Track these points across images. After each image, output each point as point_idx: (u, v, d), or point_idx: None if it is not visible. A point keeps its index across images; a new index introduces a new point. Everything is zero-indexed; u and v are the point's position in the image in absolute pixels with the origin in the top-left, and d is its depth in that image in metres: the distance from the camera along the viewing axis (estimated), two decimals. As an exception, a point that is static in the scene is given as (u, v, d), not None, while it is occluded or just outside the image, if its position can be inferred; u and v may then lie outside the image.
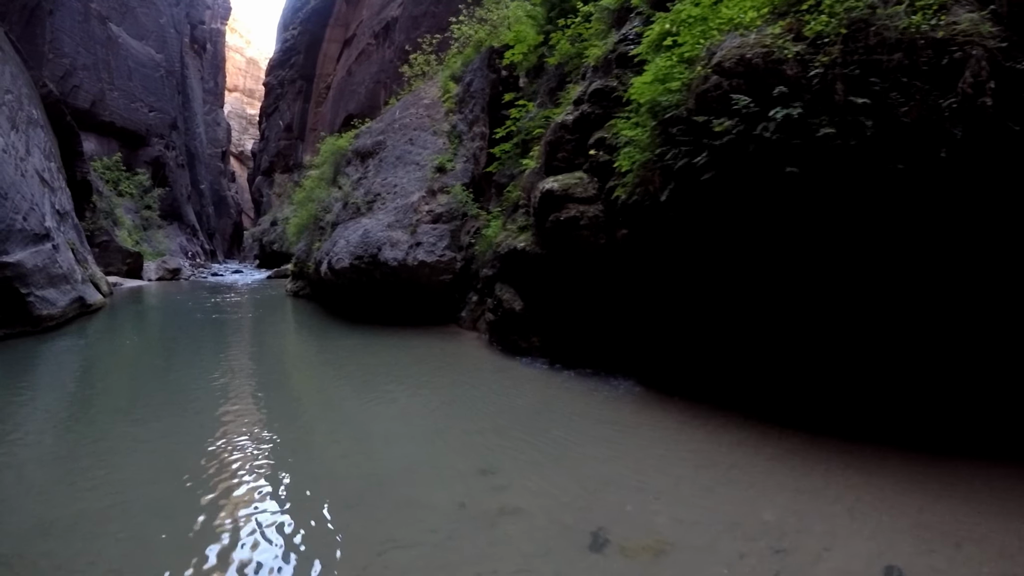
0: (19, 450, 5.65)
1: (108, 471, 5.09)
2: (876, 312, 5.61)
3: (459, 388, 8.07)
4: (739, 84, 5.90)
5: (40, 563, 3.66)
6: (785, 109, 5.41)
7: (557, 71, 12.18)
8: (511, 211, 10.40)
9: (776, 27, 5.92)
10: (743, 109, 5.69)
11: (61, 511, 4.28)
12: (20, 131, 14.76)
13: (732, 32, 6.38)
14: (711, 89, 6.08)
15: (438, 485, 4.79)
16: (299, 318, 16.07)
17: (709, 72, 6.18)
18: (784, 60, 5.64)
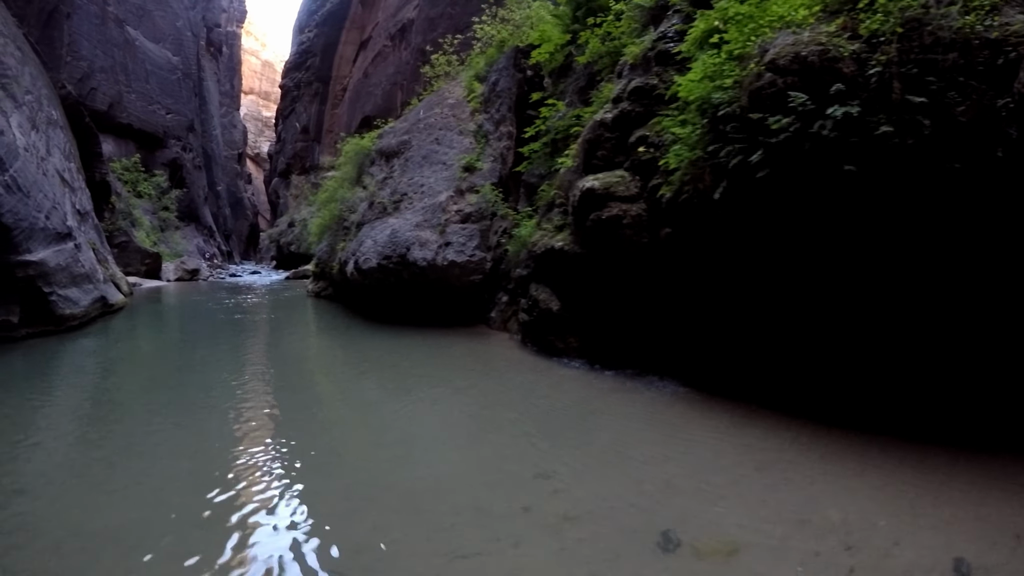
0: (47, 455, 5.49)
1: (140, 479, 4.86)
2: (923, 310, 5.45)
3: (498, 389, 7.88)
4: (793, 82, 5.75)
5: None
6: (844, 107, 5.27)
7: (586, 70, 12.02)
8: (546, 210, 10.23)
9: (831, 25, 5.82)
10: (800, 107, 5.54)
11: (97, 523, 4.08)
12: (40, 131, 14.80)
13: (783, 30, 6.25)
14: (765, 86, 5.92)
15: (496, 490, 4.60)
16: (323, 319, 15.92)
17: (762, 69, 6.02)
18: (840, 58, 5.52)
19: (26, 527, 4.01)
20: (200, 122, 54.21)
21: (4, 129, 11.17)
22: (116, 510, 4.24)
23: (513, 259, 11.28)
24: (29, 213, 11.32)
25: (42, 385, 8.18)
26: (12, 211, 10.66)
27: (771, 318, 6.46)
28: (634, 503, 4.33)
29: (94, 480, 4.86)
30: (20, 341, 10.85)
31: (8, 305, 10.92)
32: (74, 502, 4.40)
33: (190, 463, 5.22)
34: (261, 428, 6.27)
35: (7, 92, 12.82)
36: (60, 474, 5.05)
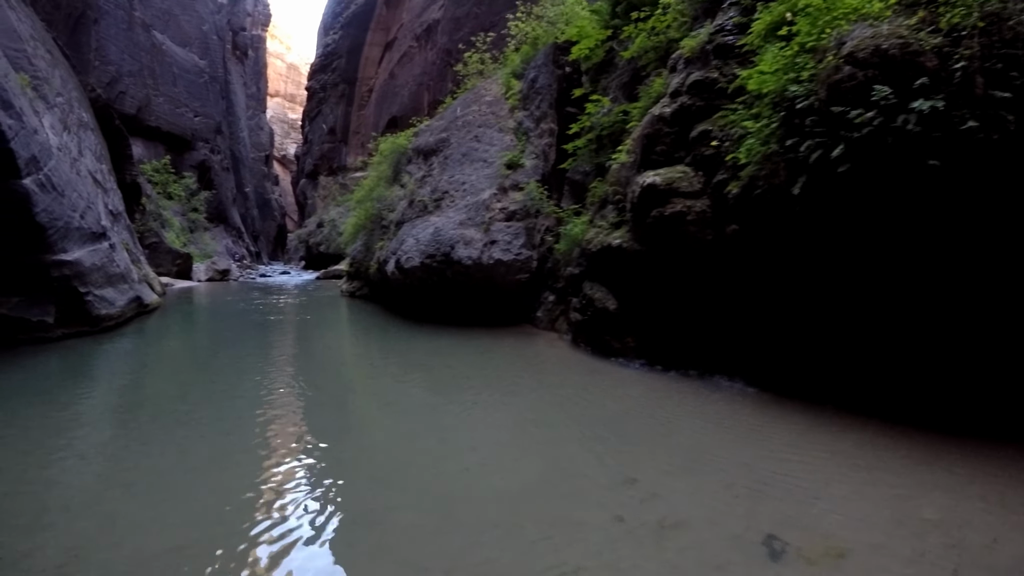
0: (89, 466, 5.21)
1: (190, 494, 4.48)
2: (1005, 309, 5.23)
3: (558, 392, 7.59)
4: (874, 75, 5.54)
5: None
6: (929, 101, 5.07)
7: (629, 65, 11.83)
8: (598, 207, 9.98)
9: (911, 19, 5.63)
10: (882, 101, 5.33)
11: (150, 545, 3.76)
12: (72, 133, 14.83)
13: (859, 22, 6.05)
14: (844, 80, 5.70)
15: (583, 499, 4.35)
16: (360, 319, 15.66)
17: (841, 62, 5.81)
18: (922, 52, 5.35)
19: (75, 550, 3.72)
20: (227, 124, 54.59)
21: (37, 128, 11.08)
22: (168, 530, 3.92)
23: (563, 257, 11.07)
24: (64, 212, 11.26)
25: (80, 387, 8.05)
26: (47, 210, 10.61)
27: (843, 316, 6.22)
28: (728, 508, 4.13)
29: (141, 495, 4.52)
30: (56, 342, 10.75)
31: (44, 305, 10.87)
32: (124, 521, 4.09)
33: (240, 477, 4.89)
34: (312, 437, 5.97)
35: (39, 93, 12.84)
36: (105, 488, 4.72)
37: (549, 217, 12.18)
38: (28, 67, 12.89)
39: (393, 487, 4.65)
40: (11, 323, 10.37)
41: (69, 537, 3.88)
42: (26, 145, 10.10)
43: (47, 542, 3.82)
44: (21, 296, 10.59)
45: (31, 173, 10.21)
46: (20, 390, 7.54)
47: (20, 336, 10.38)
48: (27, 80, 12.31)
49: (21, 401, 7.04)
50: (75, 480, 4.88)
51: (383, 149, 18.67)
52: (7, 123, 9.46)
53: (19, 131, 9.86)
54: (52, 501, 4.42)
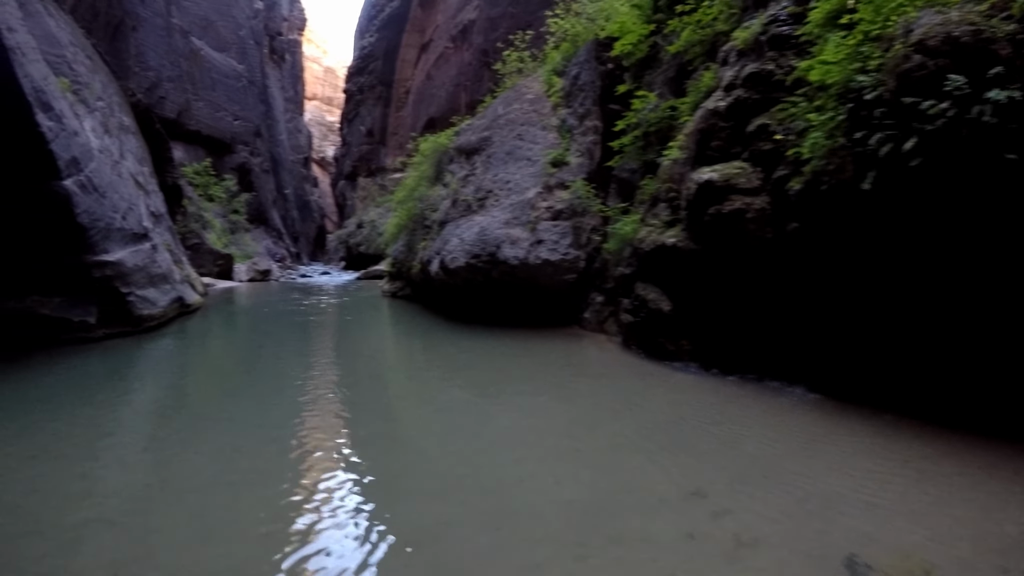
0: (132, 475, 5.06)
1: (236, 509, 4.26)
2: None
3: (613, 396, 7.36)
4: (945, 64, 5.28)
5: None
6: (1004, 91, 4.80)
7: (675, 60, 11.61)
8: (650, 205, 9.75)
9: (983, 4, 5.36)
10: (955, 91, 5.09)
11: (196, 569, 3.56)
12: (113, 136, 15.04)
13: (926, 8, 5.80)
14: (914, 69, 5.45)
15: (650, 514, 4.14)
16: (404, 320, 15.64)
17: (910, 51, 5.56)
18: (995, 39, 5.08)
19: (120, 566, 3.56)
20: (266, 128, 55.36)
21: (78, 131, 11.20)
22: (214, 547, 3.77)
23: (612, 257, 10.88)
24: (105, 213, 11.37)
25: (121, 389, 8.06)
26: (88, 211, 10.69)
27: (911, 318, 5.97)
28: (803, 524, 3.92)
29: (185, 507, 4.33)
30: (98, 342, 10.83)
31: (85, 305, 10.96)
32: (168, 535, 3.93)
33: (285, 488, 4.68)
34: (358, 445, 5.82)
35: (79, 97, 13.00)
36: (149, 498, 4.52)
37: (595, 216, 12.00)
38: (68, 72, 13.07)
39: (447, 500, 4.43)
40: (53, 323, 10.50)
41: (113, 551, 3.74)
42: (66, 147, 10.20)
43: (90, 558, 3.70)
44: (63, 296, 10.72)
45: (72, 174, 10.31)
46: (62, 391, 7.56)
47: (62, 336, 10.49)
48: (67, 84, 12.46)
49: (62, 402, 7.04)
50: (117, 489, 4.76)
51: (424, 149, 18.65)
52: (47, 125, 9.55)
53: (59, 133, 9.96)
54: (94, 512, 4.30)
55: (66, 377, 8.34)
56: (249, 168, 46.57)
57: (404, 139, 52.71)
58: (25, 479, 4.80)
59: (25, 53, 9.18)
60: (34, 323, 10.37)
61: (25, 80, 8.98)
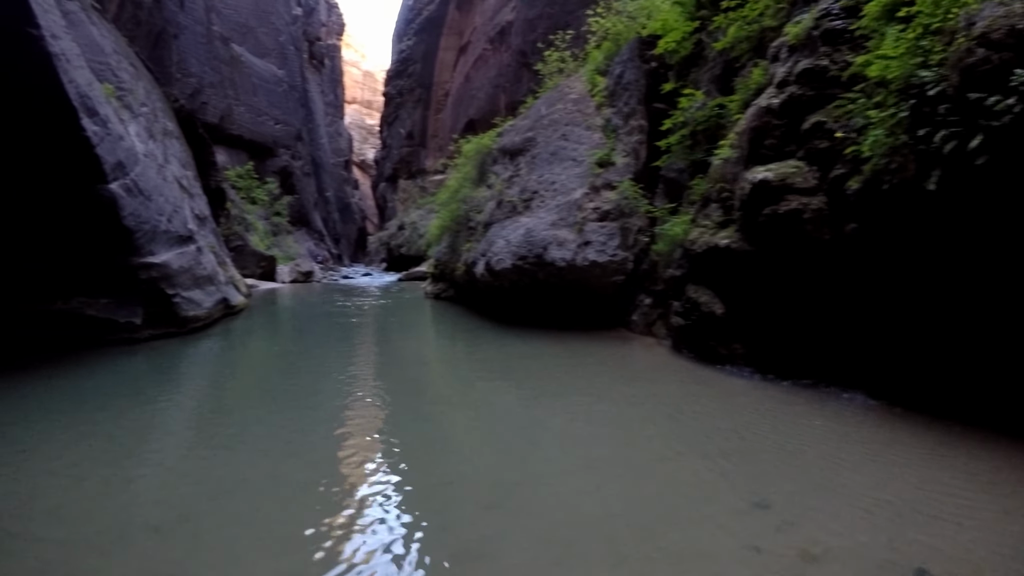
0: (179, 479, 4.93)
1: (288, 517, 4.22)
2: None
3: (666, 402, 7.19)
4: (1009, 57, 5.11)
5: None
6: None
7: (721, 57, 11.47)
8: (701, 205, 9.61)
9: (1047, -5, 5.18)
10: (1021, 86, 4.91)
11: None
12: (157, 140, 15.27)
13: (988, 0, 5.62)
14: (978, 63, 5.28)
15: (714, 526, 4.02)
16: (447, 321, 15.62)
17: (973, 44, 5.39)
18: (1060, 32, 4.90)
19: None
20: (307, 131, 56.21)
21: (123, 135, 11.48)
22: (262, 560, 3.67)
23: (661, 259, 10.76)
24: (151, 216, 11.49)
25: (167, 390, 8.06)
26: (134, 214, 10.81)
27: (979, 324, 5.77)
28: (871, 536, 3.80)
29: (231, 516, 4.22)
30: (143, 343, 10.92)
31: (131, 307, 11.06)
32: (214, 545, 3.82)
33: (330, 497, 4.55)
34: (405, 452, 5.61)
35: (123, 103, 13.19)
36: (194, 505, 4.37)
37: (642, 217, 11.90)
38: (112, 78, 13.27)
39: (501, 513, 4.28)
40: (99, 324, 10.61)
41: (160, 564, 3.62)
42: (112, 151, 10.31)
43: (138, 568, 3.58)
44: (109, 298, 10.84)
45: (117, 178, 10.43)
46: (107, 392, 7.59)
47: (108, 337, 10.60)
48: (112, 90, 12.63)
49: (108, 403, 7.08)
50: (162, 495, 4.61)
51: (467, 150, 18.66)
52: (92, 129, 9.65)
53: (104, 137, 10.07)
54: (139, 519, 4.17)
55: (112, 378, 8.39)
56: (291, 171, 47.38)
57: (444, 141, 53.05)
58: (70, 483, 4.76)
59: (70, 59, 9.30)
60: (80, 324, 10.48)
61: (70, 86, 9.06)
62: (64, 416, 6.51)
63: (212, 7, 38.67)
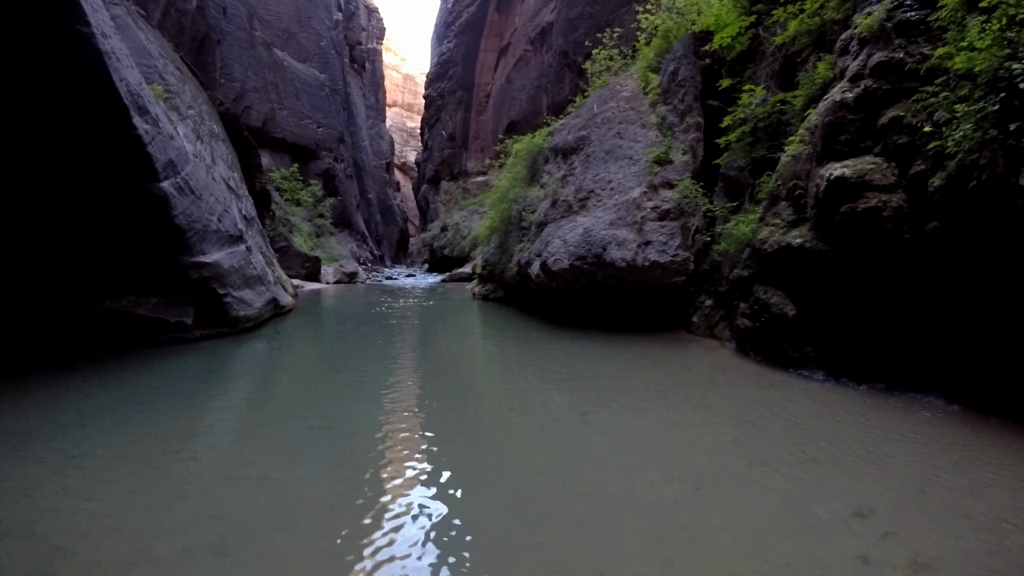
0: (240, 489, 4.63)
1: (354, 533, 3.98)
2: None
3: (737, 407, 6.92)
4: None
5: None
6: None
7: (780, 52, 11.28)
8: (769, 204, 9.40)
9: None
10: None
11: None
12: (205, 142, 15.43)
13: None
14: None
15: (818, 535, 3.88)
16: (497, 323, 15.43)
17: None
18: None
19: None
20: (349, 134, 56.93)
21: (174, 134, 11.46)
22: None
23: (725, 259, 10.55)
24: (202, 215, 11.47)
25: (218, 392, 7.87)
26: (185, 213, 10.77)
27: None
28: (976, 545, 3.68)
29: (294, 533, 3.97)
30: (194, 343, 10.85)
31: (182, 306, 11.02)
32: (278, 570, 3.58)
33: (385, 515, 4.26)
34: (478, 461, 5.36)
35: (171, 105, 13.34)
36: (256, 524, 4.07)
37: (699, 216, 11.73)
38: (160, 81, 13.41)
39: (595, 527, 4.02)
40: (150, 324, 10.58)
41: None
42: (163, 150, 10.24)
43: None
44: (160, 297, 10.83)
45: (168, 177, 10.39)
46: (158, 394, 7.42)
47: (158, 337, 10.56)
48: (160, 91, 12.73)
49: (159, 406, 6.87)
50: (222, 511, 4.25)
51: (518, 149, 18.59)
52: (143, 128, 9.56)
53: (155, 136, 9.99)
54: (199, 537, 3.89)
55: (163, 379, 8.25)
56: (333, 174, 48.00)
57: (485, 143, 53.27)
58: (125, 495, 4.51)
59: (120, 58, 9.23)
60: (130, 323, 10.45)
61: (121, 84, 8.90)
62: (116, 419, 6.38)
63: (254, 13, 39.55)
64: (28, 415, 6.43)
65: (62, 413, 6.51)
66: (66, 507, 4.31)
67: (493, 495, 4.64)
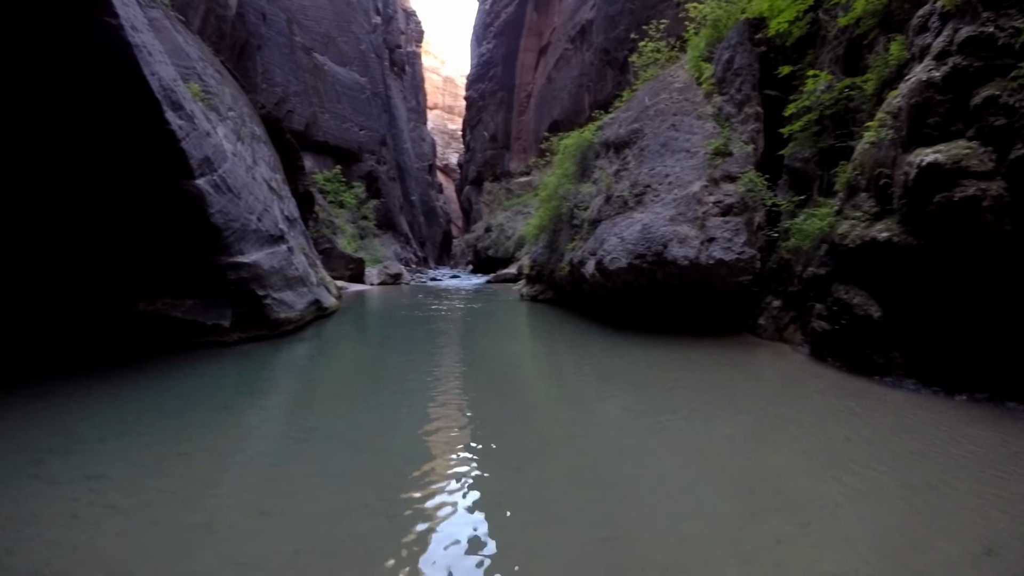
0: (283, 523, 4.05)
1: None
2: None
3: (824, 418, 6.20)
4: None
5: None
6: None
7: (843, 35, 10.67)
8: (847, 195, 8.72)
9: None
10: None
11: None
12: (246, 143, 15.27)
13: None
14: None
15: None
16: (548, 324, 14.92)
17: None
18: None
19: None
20: (391, 137, 57.34)
21: (211, 132, 11.15)
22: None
23: (798, 256, 9.88)
24: (240, 214, 11.05)
25: (256, 400, 7.41)
26: (222, 211, 10.37)
27: None
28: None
29: (346, 565, 3.57)
30: (231, 346, 10.47)
31: (220, 308, 10.62)
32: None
33: (453, 555, 3.72)
34: (542, 490, 4.63)
35: (210, 105, 13.16)
36: (292, 570, 3.53)
37: (762, 211, 11.13)
38: (198, 81, 13.25)
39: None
40: (185, 326, 10.20)
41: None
42: (198, 146, 9.90)
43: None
44: (196, 299, 10.45)
45: (204, 174, 10.04)
46: (190, 403, 7.01)
47: (194, 340, 10.22)
48: (198, 89, 12.53)
49: (190, 418, 6.43)
50: (249, 552, 3.72)
51: (567, 144, 18.15)
52: (176, 123, 9.21)
53: (190, 132, 9.66)
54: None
55: (196, 386, 7.84)
56: (376, 176, 48.40)
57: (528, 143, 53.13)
58: (142, 529, 3.99)
59: (151, 53, 8.87)
60: (165, 326, 10.11)
61: (152, 78, 8.55)
62: (142, 432, 5.91)
63: (293, 19, 40.08)
64: (48, 427, 6.05)
65: (85, 425, 6.12)
66: (68, 541, 3.80)
67: (569, 535, 3.91)
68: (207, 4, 27.61)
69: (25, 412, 6.53)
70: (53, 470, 4.95)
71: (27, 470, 4.95)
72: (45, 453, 5.35)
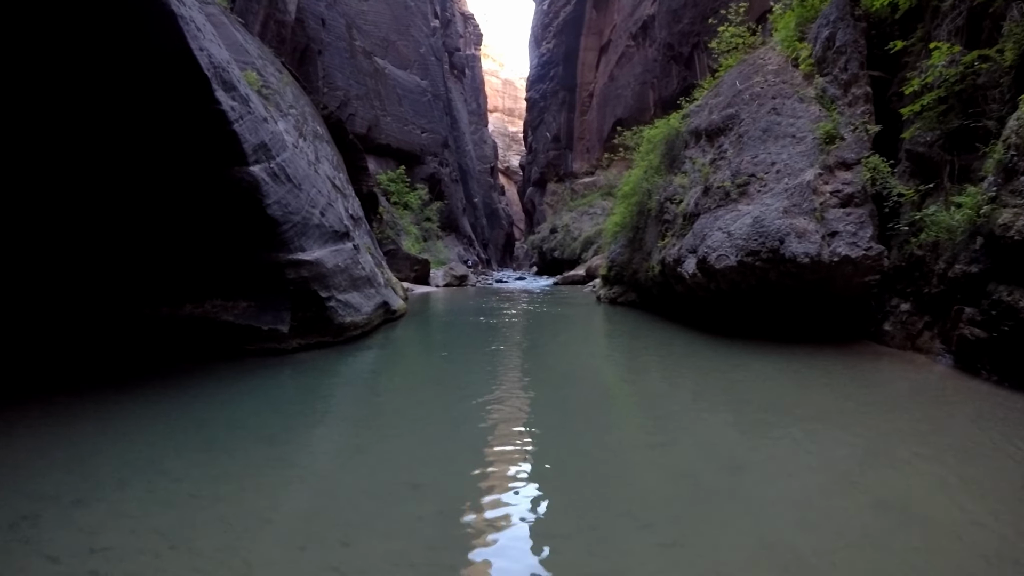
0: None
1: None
2: None
3: (984, 444, 5.15)
4: None
5: None
6: None
7: (963, 4, 9.67)
8: (1003, 180, 7.54)
9: None
10: None
11: None
12: (308, 140, 14.98)
13: None
14: None
15: None
16: (630, 330, 13.85)
17: None
18: None
19: None
20: (453, 139, 57.66)
21: (268, 119, 10.16)
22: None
23: (939, 251, 8.70)
24: (301, 207, 10.02)
25: (316, 419, 6.52)
26: (280, 202, 9.32)
27: None
28: None
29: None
30: (289, 354, 9.46)
31: (277, 311, 9.53)
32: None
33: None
34: (641, 530, 3.75)
35: (271, 101, 12.87)
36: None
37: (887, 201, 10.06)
38: (257, 74, 12.92)
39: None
40: (237, 331, 9.18)
41: None
42: (253, 130, 8.91)
43: None
44: (250, 300, 9.40)
45: (260, 161, 9.05)
46: (239, 428, 5.99)
47: (248, 347, 9.25)
48: (255, 78, 12.03)
49: (238, 448, 5.39)
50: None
51: (652, 135, 17.32)
52: (228, 104, 8.19)
53: (244, 114, 8.68)
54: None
55: (247, 405, 6.78)
56: (439, 178, 48.70)
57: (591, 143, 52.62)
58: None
59: (200, 28, 7.92)
60: (215, 331, 9.09)
61: (200, 54, 7.52)
62: (180, 468, 4.80)
63: (353, 24, 40.53)
64: (67, 457, 5.01)
65: (102, 460, 4.98)
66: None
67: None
68: (267, 9, 27.80)
69: (52, 431, 5.64)
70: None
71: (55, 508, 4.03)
72: (62, 488, 4.36)
